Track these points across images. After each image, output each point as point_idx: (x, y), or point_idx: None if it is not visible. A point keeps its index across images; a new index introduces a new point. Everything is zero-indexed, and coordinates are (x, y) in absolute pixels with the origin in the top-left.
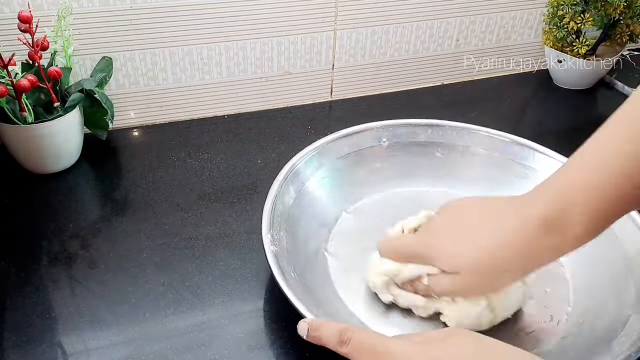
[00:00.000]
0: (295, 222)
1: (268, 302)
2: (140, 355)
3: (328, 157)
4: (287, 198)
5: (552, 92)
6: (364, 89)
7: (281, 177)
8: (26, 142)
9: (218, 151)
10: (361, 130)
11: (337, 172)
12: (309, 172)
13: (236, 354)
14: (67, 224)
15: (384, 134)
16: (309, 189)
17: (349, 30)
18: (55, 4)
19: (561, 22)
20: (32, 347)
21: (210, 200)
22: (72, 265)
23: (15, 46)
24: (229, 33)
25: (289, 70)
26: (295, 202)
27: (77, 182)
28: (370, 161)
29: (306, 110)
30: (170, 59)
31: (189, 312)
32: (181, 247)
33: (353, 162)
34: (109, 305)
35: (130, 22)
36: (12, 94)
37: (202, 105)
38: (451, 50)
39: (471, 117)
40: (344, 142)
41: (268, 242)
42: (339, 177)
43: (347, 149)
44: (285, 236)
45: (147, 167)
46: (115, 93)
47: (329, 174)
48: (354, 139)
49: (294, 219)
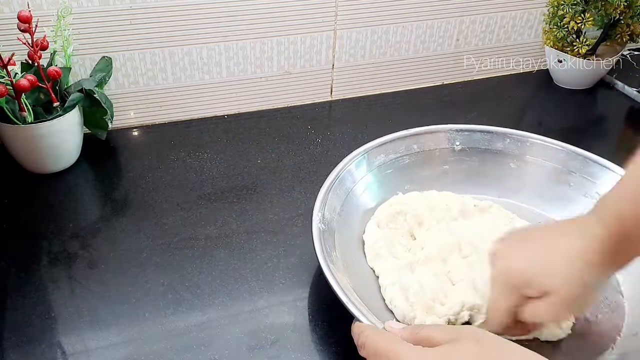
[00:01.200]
0: (347, 203)
1: (268, 301)
2: (140, 355)
3: (395, 152)
4: (348, 181)
5: (552, 92)
6: (364, 88)
7: (348, 159)
8: (26, 142)
9: (218, 151)
10: (435, 131)
11: (401, 168)
12: (376, 163)
13: (236, 354)
14: (67, 224)
15: (458, 137)
16: (369, 179)
17: (348, 30)
18: (54, 3)
19: (561, 21)
20: (32, 347)
21: (210, 200)
22: (72, 265)
23: (15, 46)
24: (228, 33)
25: (289, 70)
26: (355, 187)
27: (77, 182)
28: (437, 162)
29: (306, 110)
30: (169, 59)
31: (188, 312)
32: (181, 247)
33: (421, 160)
34: (108, 305)
35: (130, 22)
36: (12, 93)
37: (202, 105)
38: (451, 50)
39: (471, 117)
40: (414, 140)
41: (317, 220)
42: (402, 172)
43: (417, 146)
44: (337, 218)
45: (146, 167)
46: (114, 93)
47: (392, 167)
48: (425, 137)
49: (349, 201)
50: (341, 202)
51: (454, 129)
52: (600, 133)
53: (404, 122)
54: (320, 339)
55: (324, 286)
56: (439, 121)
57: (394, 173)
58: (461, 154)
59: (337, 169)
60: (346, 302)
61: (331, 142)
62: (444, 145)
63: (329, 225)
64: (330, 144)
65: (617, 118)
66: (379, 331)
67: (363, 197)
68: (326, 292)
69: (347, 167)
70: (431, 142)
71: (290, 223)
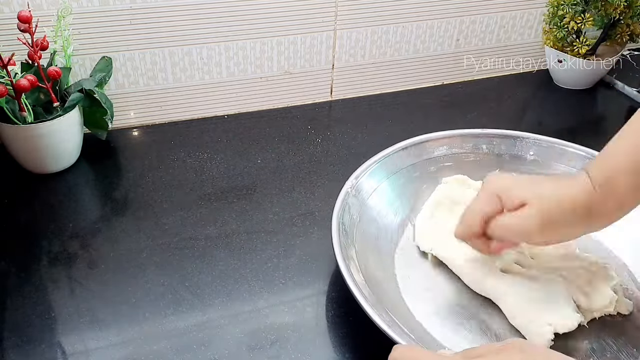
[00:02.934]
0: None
1: (268, 302)
2: (140, 356)
3: (460, 147)
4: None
5: (552, 92)
6: (364, 88)
7: (400, 146)
8: (26, 142)
9: (218, 151)
10: (508, 136)
11: (462, 164)
12: (435, 153)
13: (236, 354)
14: (67, 224)
15: (533, 148)
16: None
17: (348, 30)
18: (54, 3)
19: (561, 22)
20: (32, 347)
21: (210, 200)
22: (72, 265)
23: (15, 46)
24: (228, 33)
25: (289, 70)
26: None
27: (77, 182)
28: (506, 168)
29: (306, 110)
30: (169, 59)
31: (188, 312)
32: (181, 247)
33: (486, 162)
34: (108, 305)
35: (130, 22)
36: (12, 93)
37: (202, 105)
38: (451, 50)
39: (471, 117)
40: (481, 141)
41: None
42: (461, 171)
43: (485, 147)
44: (357, 213)
45: (146, 167)
46: (114, 93)
47: (452, 161)
48: (495, 140)
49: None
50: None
51: (531, 138)
52: (600, 133)
53: (404, 122)
54: (321, 339)
55: (324, 286)
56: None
57: (452, 167)
58: (533, 164)
59: (389, 151)
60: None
61: (331, 142)
62: (514, 152)
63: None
64: (330, 144)
65: (617, 118)
66: (415, 347)
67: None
68: (326, 292)
69: (396, 151)
70: (502, 146)
71: (290, 223)
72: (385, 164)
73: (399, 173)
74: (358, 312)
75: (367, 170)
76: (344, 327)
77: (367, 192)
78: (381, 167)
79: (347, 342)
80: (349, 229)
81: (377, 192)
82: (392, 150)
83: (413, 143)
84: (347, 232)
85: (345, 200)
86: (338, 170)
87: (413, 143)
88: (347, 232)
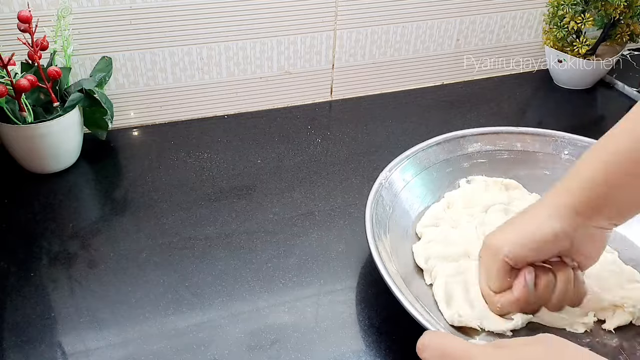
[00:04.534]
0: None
1: (268, 302)
2: (140, 356)
3: (493, 144)
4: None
5: (552, 92)
6: (364, 88)
7: (434, 140)
8: (26, 142)
9: (218, 151)
10: (543, 134)
11: (496, 161)
12: (476, 152)
13: (236, 354)
14: (67, 224)
15: (567, 147)
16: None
17: (348, 30)
18: (54, 3)
19: (561, 21)
20: (32, 347)
21: (210, 200)
22: (72, 265)
23: (15, 46)
24: (228, 33)
25: (289, 70)
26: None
27: (77, 182)
28: (540, 166)
29: (306, 110)
30: (169, 59)
31: (188, 312)
32: (181, 247)
33: (519, 159)
34: (108, 305)
35: (130, 22)
36: (12, 93)
37: (202, 105)
38: (451, 50)
39: (471, 117)
40: (515, 138)
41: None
42: (495, 168)
43: (519, 145)
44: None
45: (147, 167)
46: (114, 93)
47: (486, 158)
48: (530, 139)
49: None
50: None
51: (565, 138)
52: (600, 133)
53: (404, 122)
54: (321, 339)
55: (325, 286)
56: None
57: (485, 164)
58: (567, 163)
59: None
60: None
61: (331, 142)
62: (548, 151)
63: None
64: (330, 144)
65: (617, 118)
66: (446, 334)
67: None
68: (326, 292)
69: (431, 146)
70: (536, 144)
71: (290, 223)
72: (418, 158)
73: (431, 168)
74: (358, 312)
75: (400, 164)
76: (344, 327)
77: (399, 185)
78: (414, 161)
79: (347, 342)
80: (381, 220)
81: (409, 185)
82: (427, 144)
83: (447, 139)
84: (380, 223)
85: (378, 192)
86: (338, 170)
87: (447, 139)
88: (379, 223)
